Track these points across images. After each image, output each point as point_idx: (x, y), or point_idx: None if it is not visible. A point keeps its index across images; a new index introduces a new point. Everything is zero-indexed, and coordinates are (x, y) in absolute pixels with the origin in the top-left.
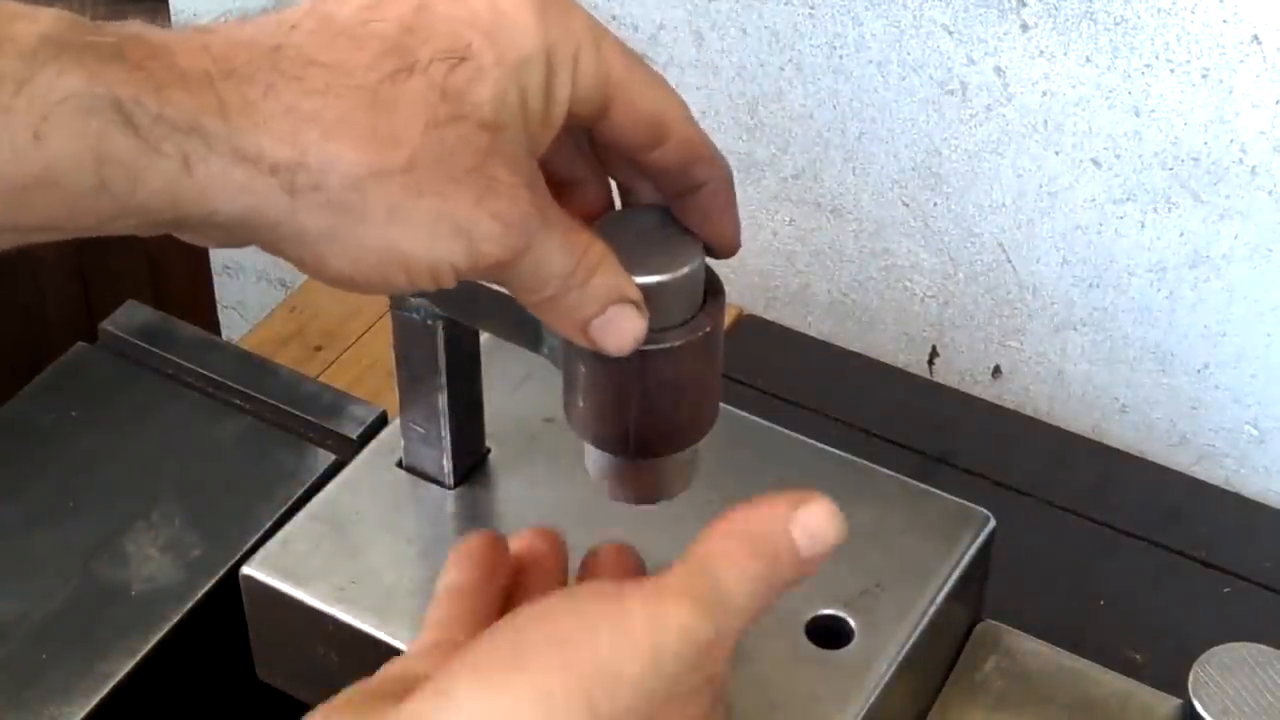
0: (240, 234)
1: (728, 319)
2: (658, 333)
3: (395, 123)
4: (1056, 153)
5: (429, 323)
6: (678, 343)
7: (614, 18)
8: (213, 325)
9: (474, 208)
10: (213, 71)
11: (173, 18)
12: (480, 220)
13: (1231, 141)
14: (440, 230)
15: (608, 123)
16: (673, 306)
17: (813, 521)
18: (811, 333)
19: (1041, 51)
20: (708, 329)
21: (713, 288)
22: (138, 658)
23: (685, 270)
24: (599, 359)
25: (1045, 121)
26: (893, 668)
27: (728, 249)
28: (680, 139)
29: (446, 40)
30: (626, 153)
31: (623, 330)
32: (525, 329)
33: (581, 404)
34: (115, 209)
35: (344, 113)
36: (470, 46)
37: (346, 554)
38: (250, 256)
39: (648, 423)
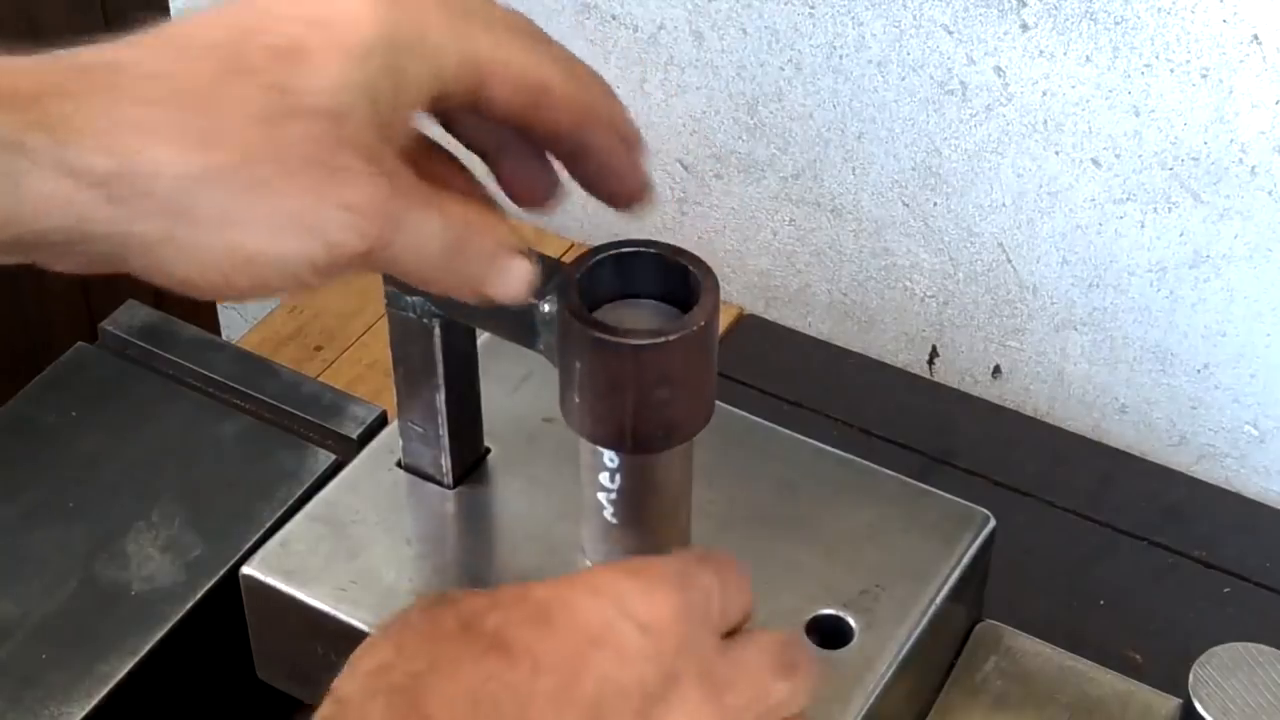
0: (84, 252)
1: (727, 319)
2: (654, 330)
3: (222, 122)
4: (1056, 152)
5: (425, 322)
6: (672, 337)
7: (614, 17)
8: (213, 325)
9: (318, 200)
10: (44, 90)
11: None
12: (328, 212)
13: (1231, 141)
14: (282, 226)
15: (486, 97)
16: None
17: None
18: (811, 332)
19: (1041, 51)
20: (701, 323)
21: (707, 283)
22: (138, 658)
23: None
24: (595, 356)
25: (1045, 121)
26: (893, 667)
27: (630, 200)
28: (566, 105)
29: (278, 37)
30: (510, 122)
31: (511, 283)
32: (521, 326)
33: (578, 400)
34: None
35: (169, 118)
36: (303, 39)
37: (346, 554)
38: None
39: (644, 417)
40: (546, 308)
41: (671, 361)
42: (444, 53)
